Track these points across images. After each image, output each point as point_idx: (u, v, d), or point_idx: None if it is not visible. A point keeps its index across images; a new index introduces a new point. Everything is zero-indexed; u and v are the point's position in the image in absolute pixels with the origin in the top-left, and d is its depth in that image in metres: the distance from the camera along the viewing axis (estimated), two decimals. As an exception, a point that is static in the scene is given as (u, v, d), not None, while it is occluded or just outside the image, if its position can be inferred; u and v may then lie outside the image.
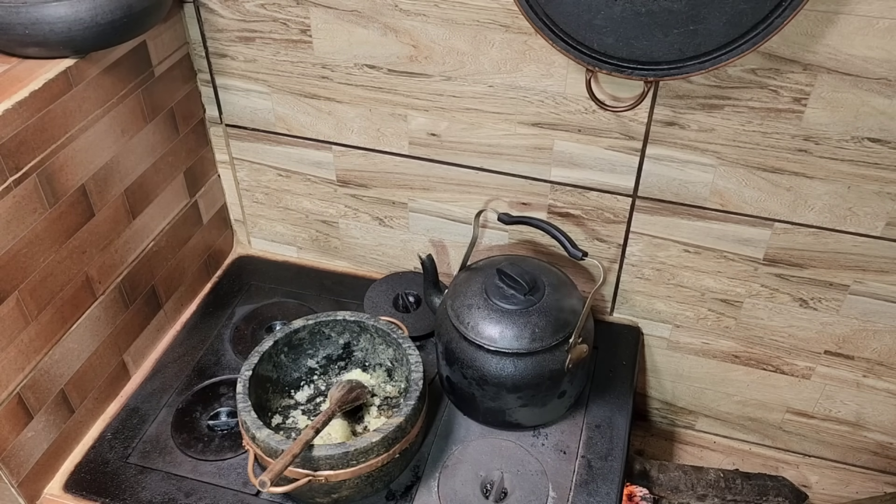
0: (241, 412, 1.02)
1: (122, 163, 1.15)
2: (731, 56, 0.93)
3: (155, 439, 1.17)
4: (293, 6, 1.16)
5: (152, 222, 1.26)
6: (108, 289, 1.18)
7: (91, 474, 1.12)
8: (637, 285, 1.32)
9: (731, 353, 1.35)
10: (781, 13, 0.88)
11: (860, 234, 1.13)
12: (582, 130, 1.15)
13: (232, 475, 1.11)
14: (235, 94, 1.30)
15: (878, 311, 1.20)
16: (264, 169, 1.40)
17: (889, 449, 1.40)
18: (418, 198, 1.33)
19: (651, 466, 1.39)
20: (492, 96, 1.16)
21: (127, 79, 1.12)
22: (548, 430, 1.19)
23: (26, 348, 1.03)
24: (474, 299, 1.13)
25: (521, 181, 1.24)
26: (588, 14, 0.96)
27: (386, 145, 1.28)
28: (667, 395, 1.47)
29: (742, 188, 1.14)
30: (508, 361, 1.10)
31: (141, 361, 1.29)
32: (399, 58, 1.16)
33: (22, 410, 1.04)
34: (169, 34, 1.21)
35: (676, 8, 0.92)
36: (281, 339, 1.13)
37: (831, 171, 1.08)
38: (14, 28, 0.93)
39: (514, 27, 1.07)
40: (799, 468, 1.47)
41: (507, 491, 1.10)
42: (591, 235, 1.27)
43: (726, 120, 1.07)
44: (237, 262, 1.52)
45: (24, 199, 0.97)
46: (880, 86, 0.98)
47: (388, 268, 1.47)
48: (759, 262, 1.21)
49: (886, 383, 1.30)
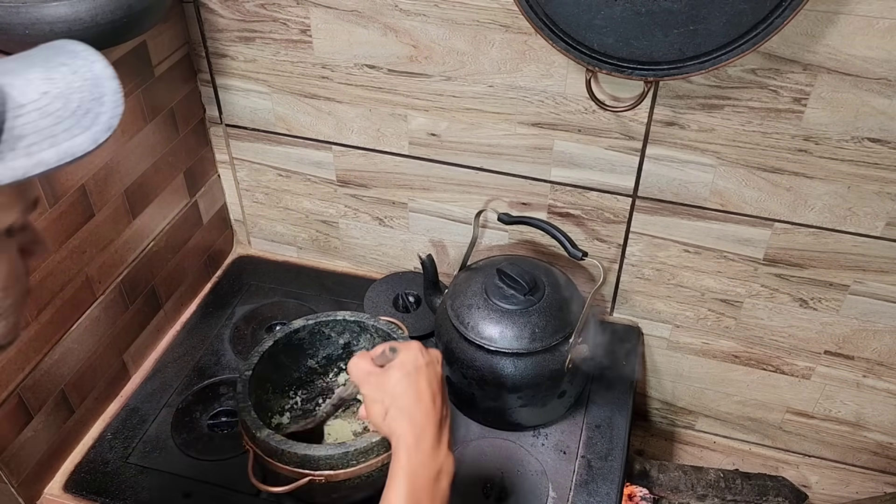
0: (241, 412, 1.02)
1: (122, 163, 1.15)
2: (731, 56, 0.93)
3: (155, 439, 1.16)
4: (293, 6, 1.16)
5: (152, 222, 1.26)
6: (108, 289, 1.18)
7: (91, 474, 1.12)
8: (637, 285, 1.32)
9: (731, 353, 1.35)
10: (781, 13, 0.88)
11: (860, 234, 1.13)
12: (582, 130, 1.15)
13: (232, 475, 1.11)
14: (235, 94, 1.30)
15: (878, 311, 1.20)
16: (264, 169, 1.40)
17: (889, 449, 1.40)
18: (418, 198, 1.33)
19: (651, 466, 1.39)
20: (492, 96, 1.16)
21: (127, 79, 1.12)
22: (548, 430, 1.19)
23: (26, 348, 1.03)
24: (474, 299, 1.13)
25: (521, 181, 1.24)
26: (588, 14, 0.96)
27: (386, 145, 1.28)
28: (667, 395, 1.47)
29: (742, 188, 1.14)
30: (508, 361, 1.10)
31: (141, 361, 1.29)
32: (399, 58, 1.16)
33: (22, 410, 1.04)
34: (169, 34, 1.21)
35: (676, 8, 0.92)
36: (281, 339, 1.13)
37: (831, 171, 1.08)
38: (14, 28, 0.93)
39: (514, 27, 1.07)
40: (799, 468, 1.47)
41: (507, 491, 1.10)
42: (591, 235, 1.27)
43: (726, 120, 1.07)
44: (237, 262, 1.52)
45: (24, 199, 0.97)
46: (880, 86, 0.98)
47: (388, 268, 1.47)
48: (759, 262, 1.21)
49: (886, 383, 1.30)
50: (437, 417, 0.79)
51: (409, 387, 0.80)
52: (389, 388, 0.80)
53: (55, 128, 0.48)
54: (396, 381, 0.80)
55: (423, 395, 0.80)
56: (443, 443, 0.79)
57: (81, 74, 0.52)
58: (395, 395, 0.79)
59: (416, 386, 0.80)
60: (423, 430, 0.78)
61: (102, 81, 0.53)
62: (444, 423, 0.80)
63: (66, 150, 0.48)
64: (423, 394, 0.80)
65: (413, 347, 0.84)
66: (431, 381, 0.81)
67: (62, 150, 0.48)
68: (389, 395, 0.80)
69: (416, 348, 0.84)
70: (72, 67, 0.52)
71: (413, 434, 0.77)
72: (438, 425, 0.79)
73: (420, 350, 0.84)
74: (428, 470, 0.76)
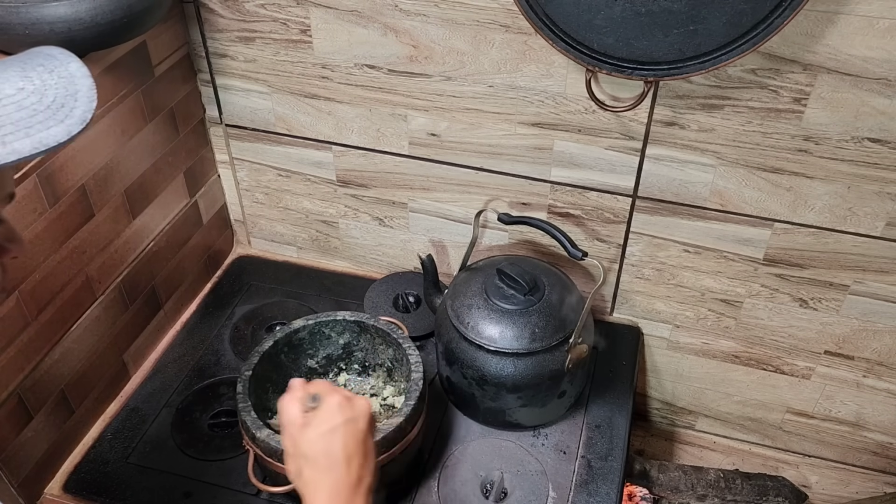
0: (241, 412, 1.02)
1: (122, 163, 1.15)
2: (731, 56, 0.93)
3: (155, 439, 1.16)
4: (293, 6, 1.16)
5: (152, 222, 1.26)
6: (108, 289, 1.18)
7: (91, 474, 1.12)
8: (637, 285, 1.32)
9: (731, 353, 1.35)
10: (781, 13, 0.88)
11: (860, 234, 1.13)
12: (582, 130, 1.15)
13: (232, 475, 1.11)
14: (235, 94, 1.30)
15: (878, 311, 1.20)
16: (264, 169, 1.40)
17: (889, 449, 1.40)
18: (418, 198, 1.33)
19: (651, 466, 1.39)
20: (492, 96, 1.16)
21: (127, 79, 1.12)
22: (548, 430, 1.19)
23: (26, 348, 1.03)
24: (474, 299, 1.13)
25: (521, 181, 1.24)
26: (588, 14, 0.96)
27: (386, 145, 1.28)
28: (667, 395, 1.47)
29: (742, 188, 1.14)
30: (508, 361, 1.10)
31: (141, 361, 1.29)
32: (399, 58, 1.16)
33: (22, 410, 1.04)
34: (169, 34, 1.21)
35: (676, 8, 0.92)
36: (281, 339, 1.13)
37: (831, 171, 1.08)
38: (14, 28, 0.93)
39: (514, 27, 1.07)
40: (799, 468, 1.47)
41: (507, 491, 1.10)
42: (591, 235, 1.27)
43: (726, 120, 1.07)
44: (237, 262, 1.52)
45: (24, 199, 0.97)
46: (880, 86, 0.98)
47: (388, 268, 1.47)
48: (759, 262, 1.21)
49: (886, 383, 1.30)
50: (351, 482, 0.75)
51: (322, 450, 0.75)
52: (304, 448, 0.76)
53: (30, 119, 0.51)
54: (310, 442, 0.76)
55: (336, 461, 0.75)
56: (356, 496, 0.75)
57: (57, 73, 0.55)
58: (308, 457, 0.76)
59: (329, 448, 0.75)
60: (333, 497, 0.74)
61: (77, 79, 0.55)
62: (360, 486, 0.76)
63: (41, 140, 0.50)
64: (336, 458, 0.75)
65: (333, 402, 0.78)
66: (348, 443, 0.76)
67: (36, 140, 0.50)
68: (302, 455, 0.76)
69: (337, 403, 0.78)
70: (48, 67, 0.55)
71: (322, 501, 0.74)
72: (352, 489, 0.75)
73: (341, 405, 0.77)
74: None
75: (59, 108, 0.52)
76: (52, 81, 0.54)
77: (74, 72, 0.55)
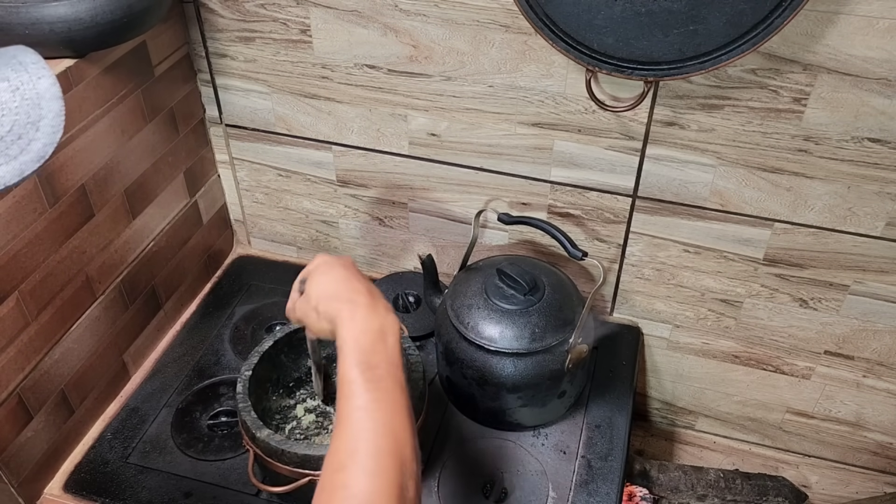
0: (241, 412, 1.02)
1: (122, 163, 1.15)
2: (731, 56, 0.93)
3: (155, 439, 1.16)
4: (293, 6, 1.16)
5: (152, 222, 1.26)
6: (108, 289, 1.18)
7: (91, 474, 1.12)
8: (637, 285, 1.32)
9: (731, 353, 1.35)
10: (781, 13, 0.88)
11: (860, 234, 1.13)
12: (582, 130, 1.15)
13: (232, 475, 1.11)
14: (235, 94, 1.30)
15: (878, 311, 1.20)
16: (264, 169, 1.40)
17: (889, 449, 1.40)
18: (418, 198, 1.33)
19: (651, 466, 1.39)
20: (492, 96, 1.16)
21: (127, 79, 1.12)
22: (548, 430, 1.19)
23: (26, 348, 1.03)
24: (474, 299, 1.13)
25: (520, 181, 1.24)
26: (588, 14, 0.96)
27: (386, 145, 1.28)
28: (667, 395, 1.47)
29: (742, 188, 1.14)
30: (508, 361, 1.10)
31: (141, 361, 1.29)
32: (399, 58, 1.16)
33: (22, 410, 1.04)
34: (169, 34, 1.21)
35: (676, 8, 0.92)
36: (281, 339, 1.13)
37: (831, 171, 1.08)
38: (14, 28, 0.93)
39: (514, 27, 1.07)
40: (799, 468, 1.47)
41: (507, 491, 1.10)
42: (591, 235, 1.27)
43: (726, 120, 1.07)
44: (237, 262, 1.52)
45: (24, 199, 0.97)
46: (880, 86, 0.98)
47: (388, 268, 1.47)
48: (759, 262, 1.21)
49: (886, 383, 1.30)
50: (364, 287, 0.82)
51: (326, 279, 0.85)
52: (313, 293, 0.84)
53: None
54: (314, 284, 0.85)
55: (341, 277, 0.84)
56: (378, 306, 0.80)
57: (21, 93, 0.46)
58: (319, 293, 0.84)
59: (332, 275, 0.85)
60: (352, 301, 0.80)
61: (44, 102, 0.47)
62: (372, 290, 0.83)
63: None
64: (340, 276, 0.84)
65: (317, 260, 0.88)
66: (346, 265, 0.86)
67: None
68: (314, 297, 0.84)
69: (320, 258, 0.89)
70: (13, 83, 0.47)
71: (345, 308, 0.79)
72: (367, 293, 0.81)
73: (323, 255, 0.89)
74: (370, 332, 0.77)
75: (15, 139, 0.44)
76: (14, 104, 0.45)
77: (43, 91, 0.47)
